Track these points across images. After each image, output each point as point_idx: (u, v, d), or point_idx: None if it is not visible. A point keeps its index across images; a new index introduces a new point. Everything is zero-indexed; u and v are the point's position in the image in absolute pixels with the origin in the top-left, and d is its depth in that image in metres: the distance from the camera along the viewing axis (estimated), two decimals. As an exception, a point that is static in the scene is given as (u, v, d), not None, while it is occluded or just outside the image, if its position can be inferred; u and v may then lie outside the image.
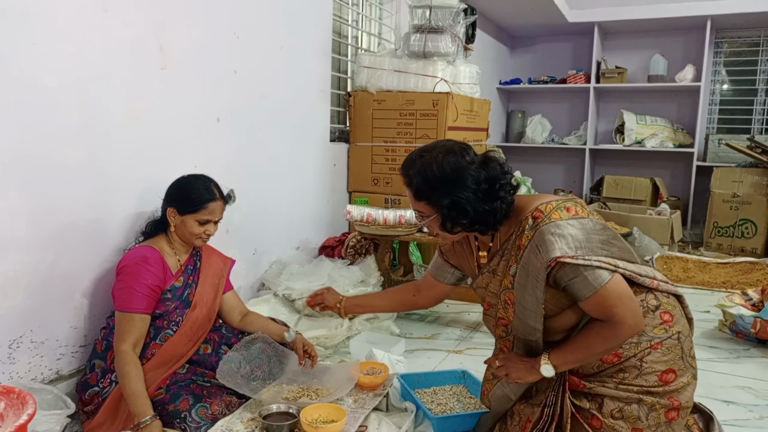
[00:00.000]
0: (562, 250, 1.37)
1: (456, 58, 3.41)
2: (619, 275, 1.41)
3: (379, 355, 2.14)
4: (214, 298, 1.99)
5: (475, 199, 1.43)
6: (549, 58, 6.27)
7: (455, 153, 1.46)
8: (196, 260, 1.98)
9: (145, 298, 1.75)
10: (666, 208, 4.72)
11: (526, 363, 1.51)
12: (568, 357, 1.45)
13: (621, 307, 1.38)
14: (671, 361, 1.45)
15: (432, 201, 1.46)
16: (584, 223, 1.43)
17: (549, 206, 1.45)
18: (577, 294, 1.41)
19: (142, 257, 1.79)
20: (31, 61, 1.72)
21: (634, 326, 1.39)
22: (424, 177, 1.45)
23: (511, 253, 1.50)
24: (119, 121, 2.02)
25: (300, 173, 3.12)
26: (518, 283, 1.47)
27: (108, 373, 1.77)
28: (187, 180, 1.93)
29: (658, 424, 1.43)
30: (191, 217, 1.86)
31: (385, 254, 2.98)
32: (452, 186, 1.43)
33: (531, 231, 1.44)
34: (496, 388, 1.66)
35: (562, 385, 1.50)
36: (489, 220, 1.47)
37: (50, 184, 1.81)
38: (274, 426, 1.63)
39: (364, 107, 3.41)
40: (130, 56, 2.04)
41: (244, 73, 2.61)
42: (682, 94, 5.68)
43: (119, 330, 1.72)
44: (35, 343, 1.82)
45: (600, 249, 1.41)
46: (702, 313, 3.14)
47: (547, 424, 1.49)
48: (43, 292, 1.82)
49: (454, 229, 1.49)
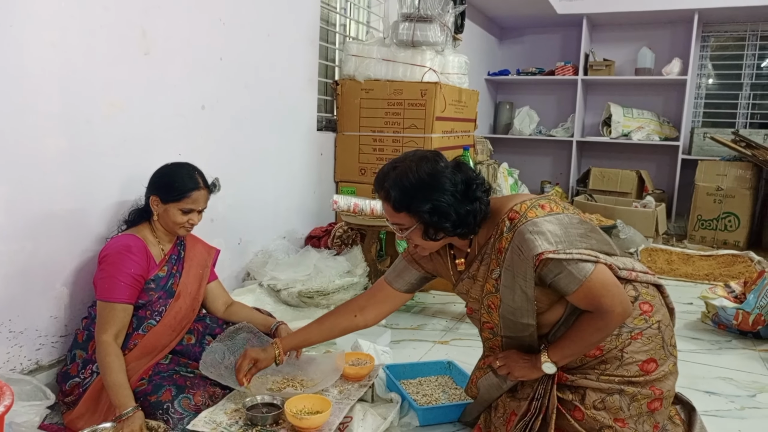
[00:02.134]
0: (543, 247, 1.38)
1: (445, 47, 3.39)
2: (603, 265, 1.42)
3: (365, 346, 2.14)
4: (198, 288, 1.97)
5: (455, 202, 1.43)
6: (537, 49, 6.26)
7: (428, 159, 1.46)
8: (180, 250, 1.95)
9: (128, 287, 1.73)
10: (651, 201, 4.76)
11: (528, 361, 1.53)
12: (566, 351, 1.47)
13: (608, 296, 1.39)
14: (652, 351, 1.47)
15: (412, 210, 1.44)
16: (560, 218, 1.44)
17: (523, 206, 1.45)
18: (564, 289, 1.42)
19: (125, 246, 1.76)
20: (9, 47, 1.67)
21: (623, 313, 1.41)
22: (402, 187, 1.44)
23: (491, 257, 1.50)
24: (101, 108, 1.98)
25: (286, 162, 3.08)
26: (504, 286, 1.48)
27: (89, 364, 1.74)
28: (170, 168, 1.89)
29: (640, 414, 1.45)
30: (174, 205, 1.83)
31: (371, 245, 2.97)
32: (431, 191, 1.42)
33: (510, 233, 1.44)
34: (488, 376, 1.66)
35: (550, 378, 1.51)
36: (470, 222, 1.47)
37: (30, 173, 1.77)
38: (258, 417, 1.62)
39: (351, 96, 3.38)
40: (111, 42, 1.99)
41: (230, 60, 2.57)
42: (669, 88, 5.71)
43: (101, 320, 1.69)
44: (14, 333, 1.79)
45: (579, 242, 1.42)
46: (685, 305, 3.17)
47: (534, 416, 1.50)
48: (22, 281, 1.78)
49: (437, 235, 1.48)
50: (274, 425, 1.63)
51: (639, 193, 5.33)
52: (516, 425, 1.52)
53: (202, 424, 1.60)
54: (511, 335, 1.56)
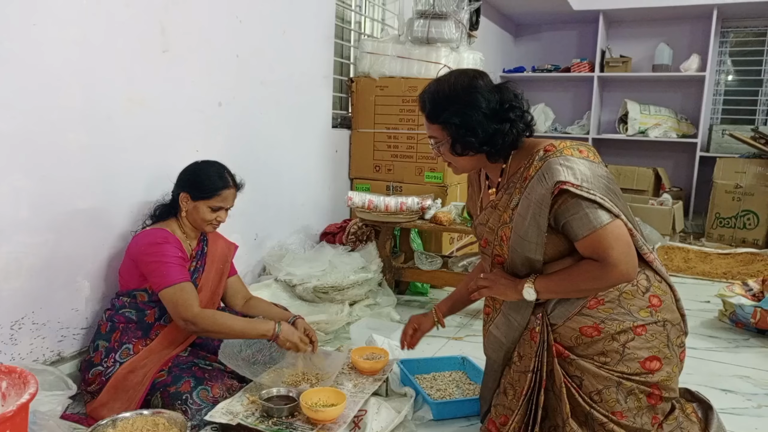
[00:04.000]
0: (567, 177, 1.37)
1: (459, 44, 3.38)
2: (621, 222, 1.40)
3: (379, 341, 2.15)
4: (219, 283, 2.00)
5: (483, 119, 1.45)
6: (553, 46, 6.22)
7: (468, 75, 1.50)
8: (204, 245, 1.99)
9: (181, 267, 1.78)
10: (668, 199, 4.71)
11: (510, 281, 1.52)
12: (552, 285, 1.46)
13: (617, 249, 1.38)
14: (656, 348, 1.43)
15: (443, 121, 1.48)
16: (594, 166, 1.43)
17: (563, 143, 1.47)
18: (575, 232, 1.40)
19: (163, 236, 1.80)
20: (33, 44, 1.71)
21: (625, 273, 1.39)
22: (436, 98, 1.49)
23: (516, 186, 1.50)
24: (121, 105, 2.01)
25: (301, 159, 3.11)
26: (519, 214, 1.47)
27: (112, 353, 1.77)
28: (201, 166, 1.92)
29: (639, 407, 1.42)
30: (204, 203, 1.86)
31: (386, 241, 2.98)
32: (462, 105, 1.45)
33: (540, 162, 1.44)
34: (489, 333, 1.64)
35: (546, 350, 1.48)
36: (497, 142, 1.47)
37: (53, 168, 1.81)
38: (274, 408, 1.64)
39: (366, 93, 3.39)
40: (131, 39, 2.02)
41: (246, 57, 2.59)
42: (687, 84, 5.64)
43: (179, 302, 1.72)
44: (37, 325, 1.83)
45: (605, 193, 1.40)
46: (702, 303, 3.14)
47: (536, 391, 1.49)
48: (45, 274, 1.82)
49: (465, 151, 1.50)
50: (290, 417, 1.65)
51: (656, 190, 5.28)
52: (521, 402, 1.49)
53: (219, 415, 1.62)
54: (517, 273, 1.53)
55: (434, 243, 3.36)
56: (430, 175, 3.31)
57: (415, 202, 2.91)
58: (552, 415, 1.49)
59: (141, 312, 1.84)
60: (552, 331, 1.49)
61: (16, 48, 1.67)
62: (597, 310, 1.45)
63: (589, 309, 1.46)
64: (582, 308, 1.46)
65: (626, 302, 1.45)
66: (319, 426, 1.60)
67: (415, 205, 2.90)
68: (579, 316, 1.46)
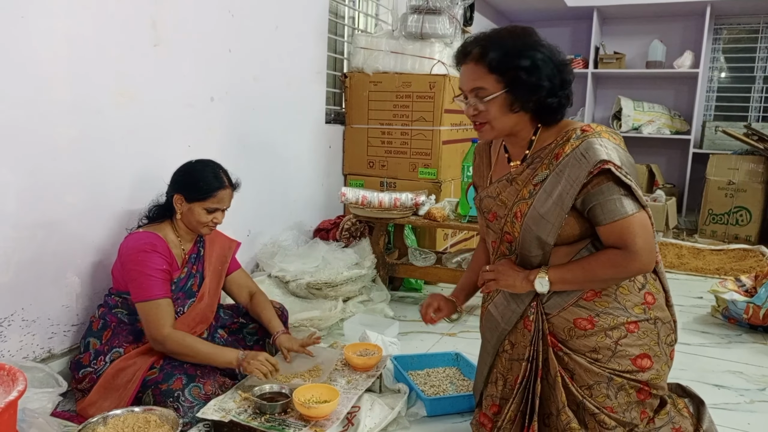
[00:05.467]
0: (610, 157, 1.34)
1: (454, 40, 3.37)
2: (647, 214, 1.38)
3: (373, 337, 2.14)
4: (217, 286, 1.97)
5: (554, 71, 1.39)
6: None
7: (527, 31, 1.43)
8: (200, 247, 1.94)
9: (163, 282, 1.74)
10: (661, 195, 4.72)
11: (520, 272, 1.47)
12: (568, 276, 1.41)
13: (643, 238, 1.35)
14: (646, 346, 1.42)
15: (510, 69, 1.38)
16: (627, 156, 1.41)
17: (600, 127, 1.44)
18: (603, 216, 1.36)
19: (150, 244, 1.75)
20: (21, 37, 1.69)
21: (647, 263, 1.37)
22: (503, 44, 1.39)
23: (543, 162, 1.45)
24: (112, 99, 1.99)
25: (295, 155, 3.09)
26: (543, 190, 1.42)
27: (101, 355, 1.76)
28: (195, 166, 1.86)
29: (628, 402, 1.42)
30: (199, 204, 1.81)
31: (380, 237, 2.97)
32: (534, 51, 1.38)
33: (578, 140, 1.40)
34: (487, 311, 1.59)
35: (541, 339, 1.47)
36: (553, 105, 1.42)
37: (42, 162, 1.79)
38: (267, 405, 1.63)
39: (360, 89, 3.38)
40: (122, 32, 2.00)
41: (238, 52, 2.57)
42: (680, 81, 5.65)
43: (151, 319, 1.70)
44: (27, 321, 1.81)
45: (636, 181, 1.38)
46: (695, 299, 3.15)
47: (531, 380, 1.48)
48: (34, 270, 1.80)
49: (524, 104, 1.42)
50: (283, 414, 1.64)
51: (649, 187, 5.30)
52: (516, 390, 1.48)
53: (211, 411, 1.61)
54: (525, 254, 1.48)
55: (428, 239, 3.35)
56: (424, 171, 3.30)
57: (408, 198, 2.90)
58: (546, 404, 1.48)
59: (133, 316, 1.80)
60: (546, 320, 1.48)
61: (4, 40, 1.65)
62: (593, 302, 1.44)
63: (586, 300, 1.44)
64: (578, 299, 1.44)
65: (622, 297, 1.44)
66: (312, 422, 1.59)
67: (409, 201, 2.89)
68: (574, 307, 1.45)
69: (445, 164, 3.29)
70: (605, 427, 1.41)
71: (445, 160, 3.27)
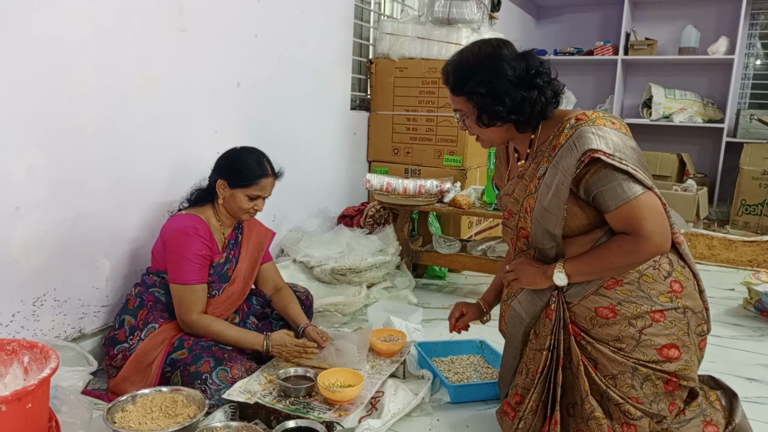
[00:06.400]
0: (599, 146, 1.33)
1: (481, 25, 3.32)
2: (654, 194, 1.36)
3: (397, 323, 2.14)
4: (252, 272, 1.99)
5: (510, 86, 1.41)
6: (575, 29, 6.09)
7: (492, 44, 1.46)
8: (238, 233, 1.97)
9: (200, 268, 1.77)
10: (692, 185, 4.61)
11: (538, 268, 1.48)
12: (584, 267, 1.41)
13: (651, 220, 1.33)
14: (674, 336, 1.39)
15: (468, 92, 1.45)
16: (626, 139, 1.39)
17: (595, 113, 1.43)
18: (607, 203, 1.35)
19: (193, 227, 1.78)
20: (49, 21, 1.70)
21: (660, 245, 1.35)
22: (460, 69, 1.46)
23: (544, 155, 1.47)
24: (138, 84, 2.00)
25: (319, 141, 3.09)
26: (545, 183, 1.43)
27: (137, 330, 1.79)
28: (239, 152, 1.88)
29: (656, 393, 1.39)
30: (242, 191, 1.83)
31: (404, 224, 2.96)
32: (487, 73, 1.42)
33: (571, 130, 1.40)
34: (510, 308, 1.60)
35: (563, 327, 1.45)
36: (526, 111, 1.44)
37: (69, 146, 1.81)
38: (291, 388, 1.64)
39: (385, 75, 3.35)
40: (149, 18, 2.01)
41: (264, 37, 2.57)
42: (714, 68, 5.49)
43: (184, 303, 1.74)
44: (58, 302, 1.85)
45: (637, 165, 1.36)
46: (726, 290, 3.08)
47: (552, 369, 1.46)
48: (64, 252, 1.84)
49: (492, 122, 1.47)
50: (307, 397, 1.65)
51: (679, 176, 5.17)
52: (537, 380, 1.47)
53: (237, 393, 1.63)
54: (540, 247, 1.49)
55: (452, 227, 3.33)
56: (449, 158, 3.27)
57: (434, 185, 2.88)
58: (569, 393, 1.47)
59: (170, 295, 1.83)
60: (567, 309, 1.46)
61: (32, 26, 1.66)
62: (614, 290, 1.42)
63: (606, 289, 1.42)
64: (599, 288, 1.43)
65: (646, 285, 1.41)
66: (336, 406, 1.60)
67: (434, 188, 2.87)
68: (595, 295, 1.43)
69: (470, 151, 3.25)
70: (630, 417, 1.39)
71: (471, 147, 3.24)
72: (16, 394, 1.13)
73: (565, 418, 1.47)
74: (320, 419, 1.52)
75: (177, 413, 1.50)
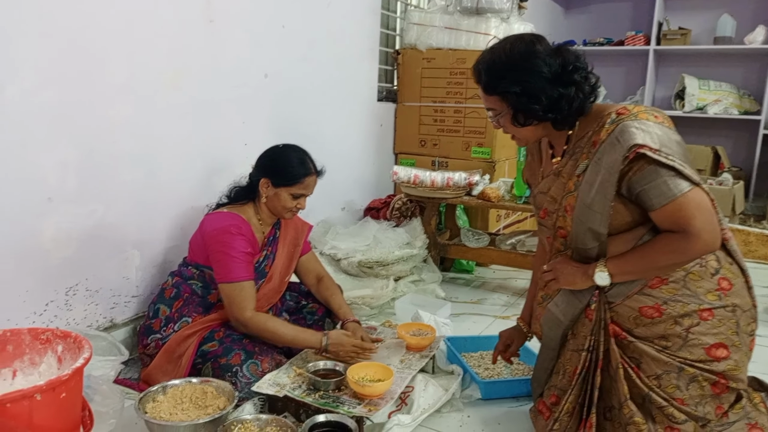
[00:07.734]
0: (644, 140, 1.28)
1: (510, 15, 3.25)
2: (702, 190, 1.30)
3: (425, 317, 2.11)
4: (288, 268, 1.98)
5: (546, 84, 1.36)
6: (606, 18, 5.95)
7: (525, 40, 1.41)
8: (276, 230, 1.96)
9: (247, 264, 1.76)
10: (728, 178, 4.47)
11: (579, 268, 1.42)
12: (627, 266, 1.36)
13: (700, 218, 1.27)
14: (722, 335, 1.33)
15: (501, 91, 1.39)
16: (670, 133, 1.33)
17: (637, 107, 1.37)
18: (652, 201, 1.30)
19: (236, 227, 1.76)
20: (76, 16, 1.70)
21: (710, 243, 1.29)
22: (492, 67, 1.41)
23: (583, 151, 1.41)
24: (167, 76, 2.00)
25: (346, 132, 3.07)
26: (586, 181, 1.38)
27: (171, 322, 1.79)
28: (282, 151, 1.86)
29: (702, 395, 1.34)
30: (286, 190, 1.82)
31: (431, 217, 2.92)
32: (521, 72, 1.36)
33: (613, 125, 1.35)
34: (546, 311, 1.55)
35: (603, 329, 1.41)
36: (563, 108, 1.39)
37: (99, 139, 1.82)
38: (321, 382, 1.63)
39: (412, 66, 3.31)
40: (177, 10, 2.00)
41: (291, 28, 2.55)
42: (751, 58, 5.31)
43: (235, 301, 1.72)
44: (90, 292, 1.86)
45: (683, 160, 1.30)
46: (763, 288, 2.98)
47: (591, 371, 1.42)
48: (95, 242, 1.85)
49: (527, 120, 1.42)
50: (337, 391, 1.64)
51: (714, 170, 5.03)
52: (575, 381, 1.43)
53: (266, 386, 1.62)
54: (580, 247, 1.44)
55: (480, 220, 3.28)
56: (477, 151, 3.22)
57: (462, 178, 2.83)
58: (607, 397, 1.42)
59: (207, 289, 1.83)
60: (609, 309, 1.41)
61: (61, 20, 1.66)
62: (659, 289, 1.36)
63: (651, 288, 1.37)
64: (643, 287, 1.38)
65: (692, 284, 1.36)
66: (366, 401, 1.58)
67: (463, 181, 2.83)
68: (639, 295, 1.38)
69: (499, 143, 3.19)
70: (674, 421, 1.34)
71: (500, 140, 3.18)
72: (50, 383, 1.13)
73: (602, 422, 1.43)
74: (350, 414, 1.51)
75: (207, 404, 1.50)
